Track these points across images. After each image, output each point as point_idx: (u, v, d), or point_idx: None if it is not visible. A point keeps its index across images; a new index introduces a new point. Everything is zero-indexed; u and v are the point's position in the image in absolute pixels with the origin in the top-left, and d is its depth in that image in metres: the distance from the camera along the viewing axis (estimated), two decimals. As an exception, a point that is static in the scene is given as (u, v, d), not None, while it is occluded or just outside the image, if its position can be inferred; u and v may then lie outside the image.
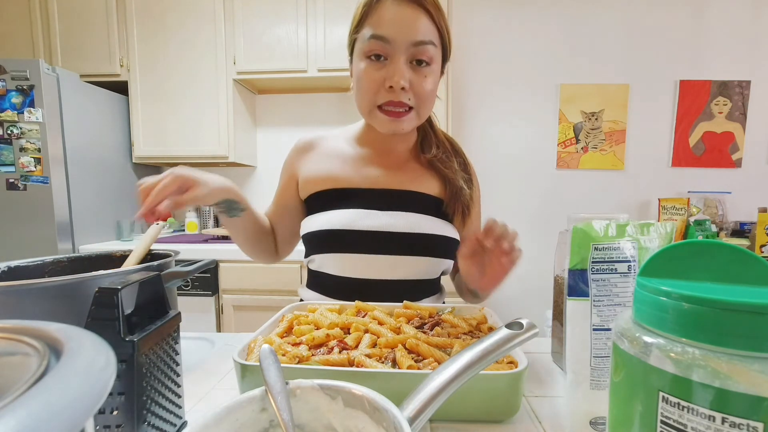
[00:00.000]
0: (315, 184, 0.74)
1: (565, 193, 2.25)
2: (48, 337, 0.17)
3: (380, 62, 0.62)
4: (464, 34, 2.21)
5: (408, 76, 0.61)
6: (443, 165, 0.72)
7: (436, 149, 0.74)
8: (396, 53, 0.60)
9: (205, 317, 1.72)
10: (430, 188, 0.73)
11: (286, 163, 0.80)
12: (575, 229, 0.36)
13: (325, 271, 0.73)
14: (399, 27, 0.59)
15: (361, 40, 0.62)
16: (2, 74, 1.57)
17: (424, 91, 0.63)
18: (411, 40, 0.60)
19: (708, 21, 2.14)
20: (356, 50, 0.65)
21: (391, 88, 0.61)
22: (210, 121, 1.99)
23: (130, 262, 0.52)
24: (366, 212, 0.69)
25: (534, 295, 2.16)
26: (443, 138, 0.77)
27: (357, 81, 0.65)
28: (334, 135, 0.81)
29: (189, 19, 1.94)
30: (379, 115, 0.64)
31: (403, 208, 0.70)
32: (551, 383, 0.50)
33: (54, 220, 1.65)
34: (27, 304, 0.36)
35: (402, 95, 0.62)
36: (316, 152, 0.77)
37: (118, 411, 0.30)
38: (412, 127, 0.68)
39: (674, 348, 0.20)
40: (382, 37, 0.60)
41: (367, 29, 0.61)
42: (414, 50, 0.61)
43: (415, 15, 0.60)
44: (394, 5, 0.60)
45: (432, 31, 0.61)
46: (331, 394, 0.29)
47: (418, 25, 0.60)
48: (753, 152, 2.18)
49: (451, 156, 0.75)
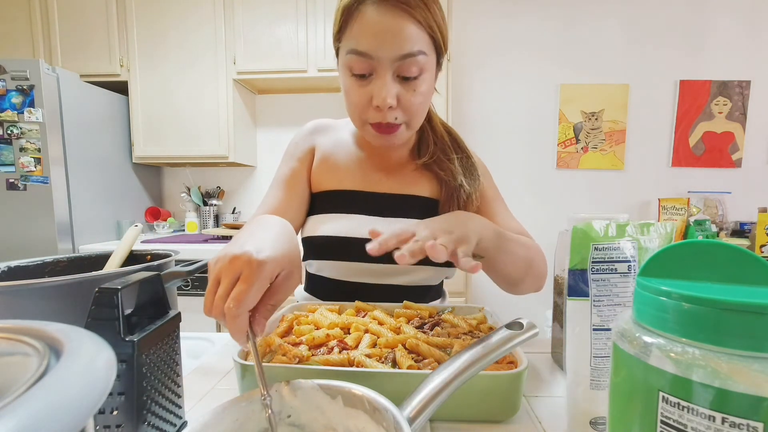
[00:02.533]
0: (321, 180, 0.71)
1: (565, 193, 2.25)
2: (48, 337, 0.17)
3: (365, 79, 0.56)
4: (464, 34, 2.21)
5: (395, 92, 0.55)
6: (439, 166, 0.69)
7: (433, 147, 0.70)
8: (380, 69, 0.54)
9: (205, 317, 1.72)
10: (428, 191, 0.71)
11: (299, 144, 0.73)
12: (575, 229, 0.36)
13: (325, 275, 0.71)
14: (380, 40, 0.53)
15: (343, 51, 0.57)
16: (2, 74, 1.57)
17: (413, 106, 0.58)
18: (396, 55, 0.53)
19: (708, 21, 2.14)
20: (340, 60, 0.59)
21: (377, 108, 0.56)
22: (210, 121, 1.99)
23: (112, 265, 0.52)
24: (368, 219, 0.67)
25: (534, 295, 2.16)
26: (442, 133, 0.73)
27: (345, 94, 0.60)
28: (341, 124, 0.77)
29: (189, 19, 1.94)
30: (370, 130, 0.61)
31: (403, 214, 0.68)
32: (551, 383, 0.50)
33: (54, 220, 1.65)
34: (27, 304, 0.37)
35: (389, 115, 0.57)
36: (329, 137, 0.74)
37: (118, 411, 0.30)
38: (404, 140, 0.64)
39: (674, 348, 0.20)
40: (363, 53, 0.54)
41: (348, 41, 0.55)
42: (400, 64, 0.54)
43: (398, 24, 0.52)
44: (375, 13, 0.52)
45: (420, 37, 0.54)
46: (331, 393, 0.29)
47: (403, 36, 0.53)
48: (753, 152, 2.18)
49: (450, 152, 0.71)
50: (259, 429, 0.28)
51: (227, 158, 2.01)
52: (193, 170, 2.34)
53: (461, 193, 0.67)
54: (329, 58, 1.90)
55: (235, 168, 2.33)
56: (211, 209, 2.24)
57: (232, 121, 1.99)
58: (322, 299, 0.72)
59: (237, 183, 2.36)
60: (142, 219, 2.21)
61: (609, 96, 2.19)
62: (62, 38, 1.96)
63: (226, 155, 2.00)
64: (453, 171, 0.68)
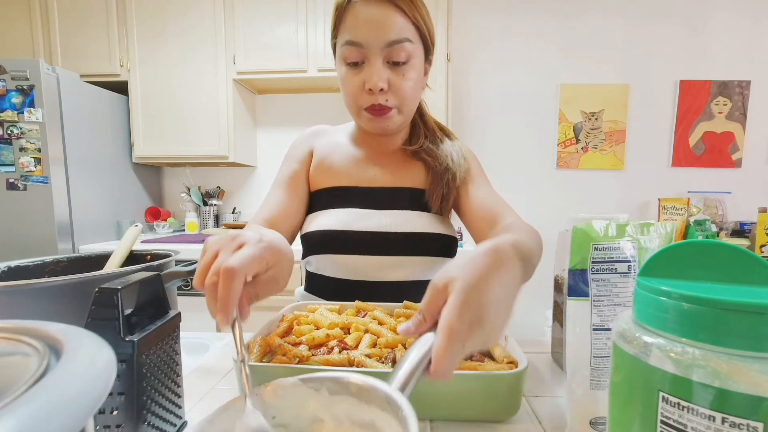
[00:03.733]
0: (318, 179, 0.74)
1: (565, 193, 2.25)
2: (48, 337, 0.17)
3: (358, 67, 0.63)
4: (464, 34, 2.21)
5: (386, 76, 0.61)
6: (427, 153, 0.72)
7: (423, 139, 0.74)
8: (371, 56, 0.61)
9: (205, 317, 1.72)
10: (418, 181, 0.73)
11: (298, 148, 0.77)
12: (575, 229, 0.36)
13: (323, 273, 0.72)
14: (370, 29, 0.59)
15: (339, 46, 0.63)
16: (2, 74, 1.57)
17: (403, 90, 0.63)
18: (384, 41, 0.60)
19: (708, 21, 2.14)
20: (337, 55, 0.66)
21: (370, 90, 0.62)
22: (210, 121, 1.99)
23: (112, 265, 0.52)
24: (363, 212, 0.69)
25: (534, 295, 2.16)
26: (433, 128, 0.76)
27: (341, 85, 0.66)
28: (337, 129, 0.81)
29: (189, 19, 1.94)
30: (365, 114, 0.66)
31: (398, 206, 0.70)
32: (551, 383, 0.50)
33: (54, 220, 1.65)
34: (27, 304, 0.36)
35: (380, 97, 0.63)
36: (326, 140, 0.78)
37: (118, 411, 0.30)
38: (397, 125, 0.68)
39: (674, 348, 0.20)
40: (355, 42, 0.60)
41: (342, 35, 0.62)
42: (389, 51, 0.60)
43: (385, 14, 0.59)
44: (363, 7, 0.59)
45: (406, 27, 0.61)
46: (314, 386, 0.28)
47: (390, 25, 0.59)
48: (753, 152, 2.18)
49: (440, 143, 0.73)
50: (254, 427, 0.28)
51: (227, 158, 2.01)
52: (193, 170, 2.34)
53: (447, 175, 0.69)
54: (329, 58, 1.89)
55: (235, 168, 2.33)
56: (211, 209, 2.24)
57: (232, 121, 1.99)
58: (323, 298, 0.73)
59: (237, 183, 2.36)
60: (142, 219, 2.21)
61: (609, 96, 2.19)
62: (62, 38, 1.96)
63: (226, 155, 2.00)
64: (440, 156, 0.71)
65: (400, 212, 0.69)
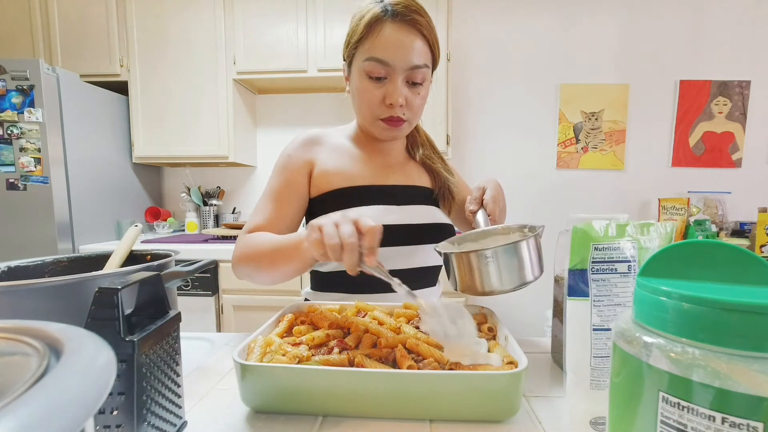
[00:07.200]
0: (329, 181, 0.74)
1: (565, 193, 2.25)
2: (48, 337, 0.17)
3: (380, 82, 0.68)
4: (464, 34, 2.21)
5: (404, 94, 0.68)
6: (431, 161, 0.83)
7: (422, 148, 0.84)
8: (394, 75, 0.67)
9: (205, 317, 1.72)
10: (426, 182, 0.82)
11: (293, 157, 0.77)
12: (575, 229, 0.36)
13: (335, 269, 0.73)
14: (397, 52, 0.65)
15: (361, 58, 0.68)
16: (2, 74, 1.57)
17: (416, 106, 0.71)
18: (408, 65, 0.66)
19: (708, 21, 2.14)
20: (355, 65, 0.70)
21: (390, 105, 0.68)
22: (210, 121, 1.99)
23: (112, 265, 0.52)
24: (386, 208, 0.72)
25: (534, 295, 2.16)
26: (426, 136, 0.87)
27: (358, 94, 0.71)
28: (334, 132, 0.81)
29: (189, 19, 1.94)
30: (380, 124, 0.71)
31: (412, 201, 0.76)
32: (551, 383, 0.50)
33: (54, 220, 1.65)
34: (27, 304, 0.36)
35: (398, 111, 0.70)
36: (326, 147, 0.78)
37: (118, 411, 0.30)
38: (404, 133, 0.76)
39: (674, 348, 0.20)
40: (383, 61, 0.66)
41: (368, 49, 0.66)
42: (410, 73, 0.67)
43: (412, 40, 0.65)
44: (394, 30, 0.65)
45: (426, 53, 0.67)
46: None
47: (416, 50, 0.66)
48: (753, 152, 2.18)
49: (433, 153, 0.85)
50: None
51: (227, 158, 2.01)
52: (193, 170, 2.34)
53: (450, 182, 0.82)
54: (329, 58, 1.90)
55: (235, 168, 2.33)
56: (211, 209, 2.24)
57: (232, 121, 1.99)
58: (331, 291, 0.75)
59: (237, 183, 2.36)
60: (142, 219, 2.21)
61: (609, 96, 2.19)
62: (62, 38, 1.96)
63: (226, 155, 2.00)
64: (439, 168, 0.83)
65: (417, 207, 0.76)
